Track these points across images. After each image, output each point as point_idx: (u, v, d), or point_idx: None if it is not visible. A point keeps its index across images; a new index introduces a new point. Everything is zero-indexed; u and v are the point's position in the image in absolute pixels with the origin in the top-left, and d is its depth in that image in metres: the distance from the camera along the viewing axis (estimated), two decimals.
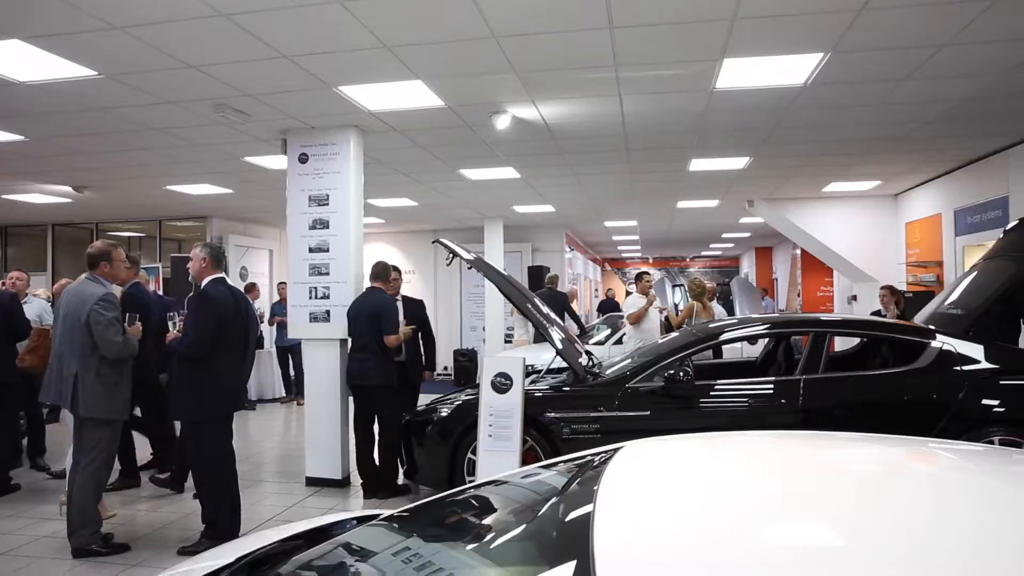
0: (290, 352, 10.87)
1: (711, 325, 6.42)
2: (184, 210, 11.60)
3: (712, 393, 5.19)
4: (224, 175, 8.50)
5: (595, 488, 1.52)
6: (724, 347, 7.24)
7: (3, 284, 6.69)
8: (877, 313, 8.04)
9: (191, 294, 10.26)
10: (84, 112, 5.74)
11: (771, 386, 5.27)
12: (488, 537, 1.72)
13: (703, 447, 2.01)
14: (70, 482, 4.63)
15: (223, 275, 4.75)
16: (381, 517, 2.36)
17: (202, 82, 5.04)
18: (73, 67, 4.70)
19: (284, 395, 11.28)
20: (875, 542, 1.27)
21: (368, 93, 5.40)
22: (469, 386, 6.93)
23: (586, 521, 1.34)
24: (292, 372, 11.00)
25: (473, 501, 2.09)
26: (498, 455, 4.86)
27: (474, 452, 5.13)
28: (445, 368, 14.36)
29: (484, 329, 13.35)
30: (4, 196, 9.83)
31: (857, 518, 1.39)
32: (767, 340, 6.58)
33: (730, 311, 12.63)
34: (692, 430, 2.50)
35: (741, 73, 5.08)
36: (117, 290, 5.27)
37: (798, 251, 16.83)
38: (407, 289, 6.62)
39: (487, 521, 1.90)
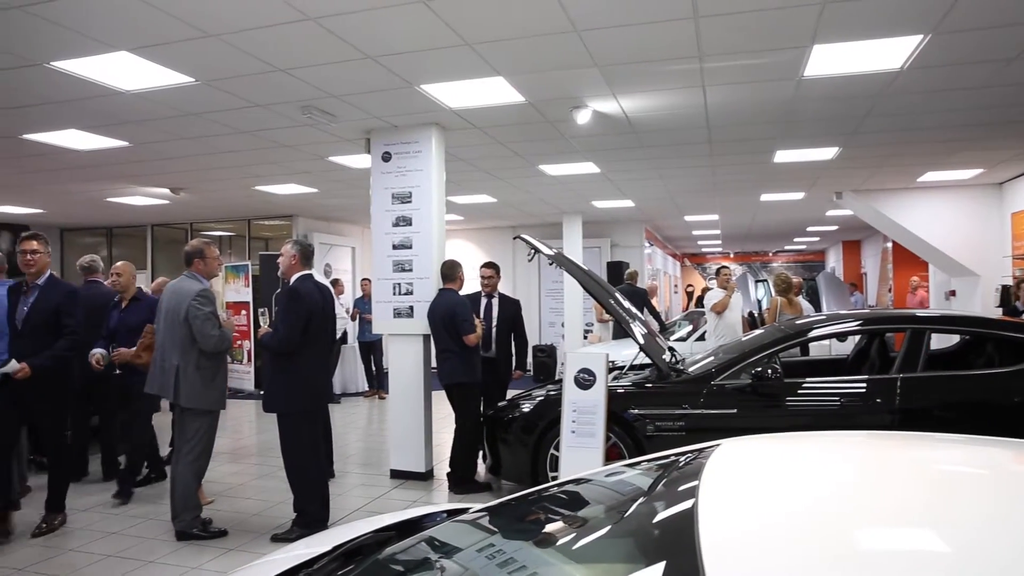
0: (372, 347, 11.13)
1: (799, 321, 6.22)
2: (271, 209, 12.02)
3: (801, 391, 5.03)
4: (310, 175, 8.76)
5: (696, 485, 1.49)
6: (810, 344, 7.01)
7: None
8: (1013, 312, 7.54)
9: (278, 290, 10.67)
10: (181, 117, 6.01)
11: (865, 385, 5.06)
12: (582, 533, 1.71)
13: (806, 446, 1.94)
14: (172, 469, 4.87)
15: (311, 272, 4.90)
16: (471, 511, 2.39)
17: (290, 85, 5.20)
18: (172, 75, 4.93)
19: (367, 389, 11.55)
20: (985, 547, 1.21)
21: (449, 91, 5.45)
22: (550, 382, 6.92)
23: (689, 518, 1.31)
24: (374, 367, 11.26)
25: (565, 497, 2.08)
26: (581, 451, 4.84)
27: (557, 448, 5.12)
28: None
29: (563, 325, 13.33)
30: (109, 199, 10.42)
31: (968, 523, 1.32)
32: (859, 337, 6.33)
33: (816, 307, 12.19)
34: (781, 429, 2.42)
35: (832, 59, 4.89)
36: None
37: (889, 244, 16.12)
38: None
39: (579, 517, 1.88)
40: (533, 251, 5.79)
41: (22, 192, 9.88)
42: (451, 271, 6.03)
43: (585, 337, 12.56)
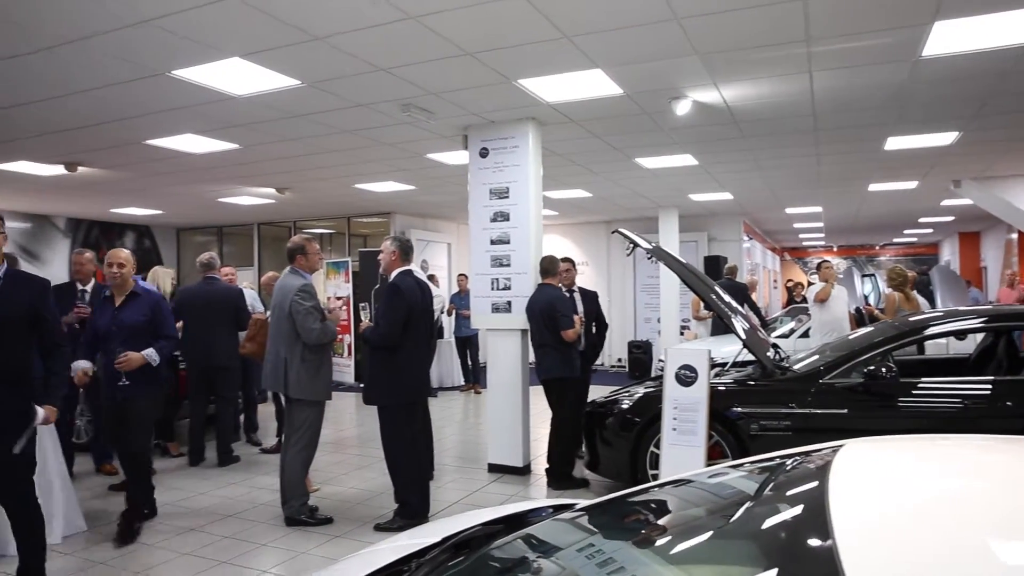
0: (468, 342, 11.27)
1: (913, 318, 5.88)
2: (370, 207, 12.34)
3: (919, 392, 4.75)
4: (407, 172, 8.94)
5: (822, 488, 1.41)
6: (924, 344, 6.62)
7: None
8: None
9: (377, 286, 10.94)
10: (287, 119, 6.24)
11: (991, 386, 4.73)
12: (700, 535, 1.65)
13: (942, 449, 1.81)
14: (281, 458, 5.08)
15: (410, 267, 4.99)
16: (578, 507, 2.36)
17: (391, 84, 5.31)
18: (281, 78, 5.12)
19: (463, 383, 11.71)
20: None
21: (547, 85, 5.44)
22: (648, 378, 6.82)
23: (821, 521, 1.24)
24: (470, 362, 11.40)
25: (676, 497, 2.02)
26: (682, 449, 4.74)
27: (657, 446, 5.03)
28: (619, 360, 14.28)
29: (659, 321, 13.10)
30: (220, 199, 10.98)
31: None
32: (982, 336, 5.92)
33: (931, 303, 11.50)
34: (897, 431, 2.30)
35: (955, 36, 4.57)
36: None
37: (1014, 235, 15.02)
38: (580, 280, 6.68)
39: (694, 518, 1.83)
40: (631, 245, 5.71)
41: (145, 195, 10.54)
42: (551, 266, 6.01)
43: (681, 334, 12.30)
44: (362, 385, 5.20)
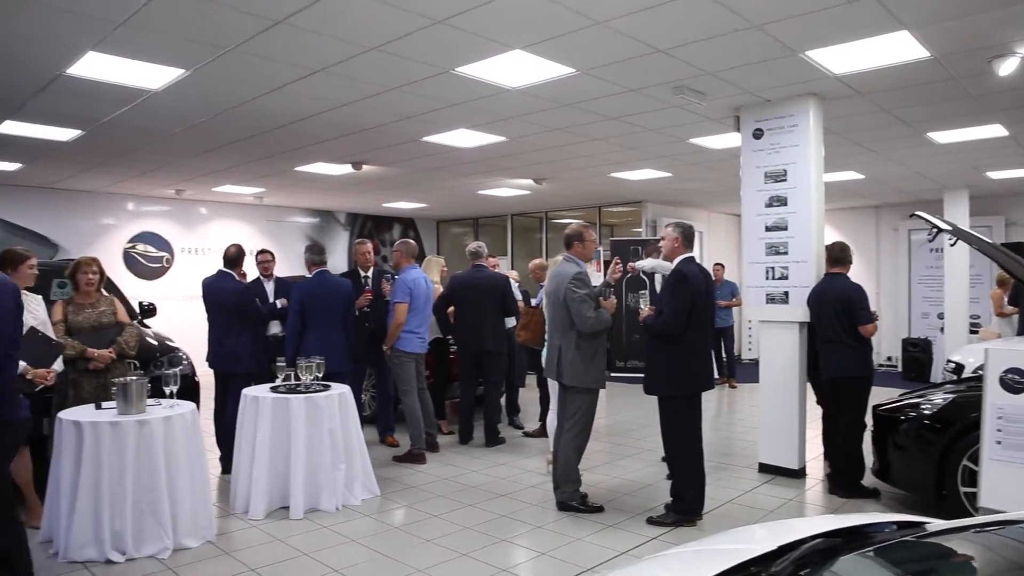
0: (723, 334, 10.80)
1: None
2: (621, 196, 12.25)
3: None
4: (666, 159, 8.70)
5: None
6: None
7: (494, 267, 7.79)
8: None
9: (627, 274, 10.84)
10: (555, 109, 6.31)
11: None
12: None
13: None
14: (554, 444, 5.16)
15: (692, 254, 4.81)
16: (929, 528, 2.07)
17: (665, 66, 5.13)
18: (556, 67, 5.16)
19: (717, 377, 11.24)
20: None
21: (836, 55, 4.93)
22: (952, 381, 6.04)
23: None
24: (724, 354, 10.92)
25: None
26: (1010, 467, 4.06)
27: (972, 460, 4.39)
28: (889, 358, 12.95)
29: (940, 316, 11.60)
30: (480, 192, 11.54)
31: None
32: None
33: None
34: None
35: None
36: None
37: None
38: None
39: None
40: (934, 230, 5.05)
41: (415, 189, 11.39)
42: (842, 254, 5.50)
43: (973, 331, 10.77)
44: (613, 374, 5.12)
